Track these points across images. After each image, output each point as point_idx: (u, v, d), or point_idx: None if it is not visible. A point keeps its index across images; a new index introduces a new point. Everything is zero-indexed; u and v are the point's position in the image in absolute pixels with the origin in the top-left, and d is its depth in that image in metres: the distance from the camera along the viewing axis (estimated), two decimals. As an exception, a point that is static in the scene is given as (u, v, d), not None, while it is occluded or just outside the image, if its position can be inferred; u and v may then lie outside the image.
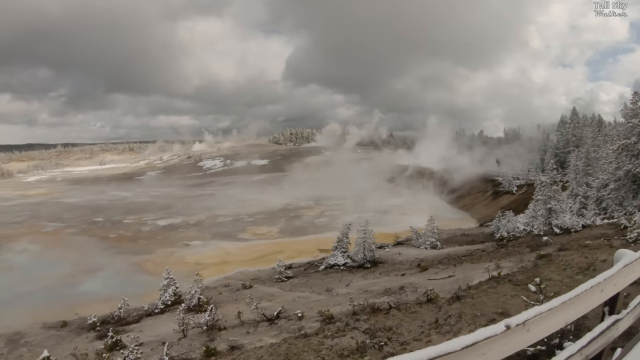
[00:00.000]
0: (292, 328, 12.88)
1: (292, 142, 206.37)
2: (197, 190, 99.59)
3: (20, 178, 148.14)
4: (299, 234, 53.66)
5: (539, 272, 13.65)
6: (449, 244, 38.28)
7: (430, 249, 36.09)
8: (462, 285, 14.44)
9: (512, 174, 67.97)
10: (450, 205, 72.94)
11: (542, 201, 31.26)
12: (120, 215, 66.45)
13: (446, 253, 32.02)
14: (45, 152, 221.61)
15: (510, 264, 18.93)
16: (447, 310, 10.54)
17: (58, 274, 38.16)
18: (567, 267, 13.66)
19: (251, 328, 14.00)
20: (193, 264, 40.58)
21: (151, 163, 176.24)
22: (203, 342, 13.01)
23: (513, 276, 14.00)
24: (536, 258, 17.42)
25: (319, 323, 12.67)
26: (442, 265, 25.89)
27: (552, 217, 30.24)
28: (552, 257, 16.11)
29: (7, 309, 30.38)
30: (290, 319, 14.20)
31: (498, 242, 31.77)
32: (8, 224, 59.59)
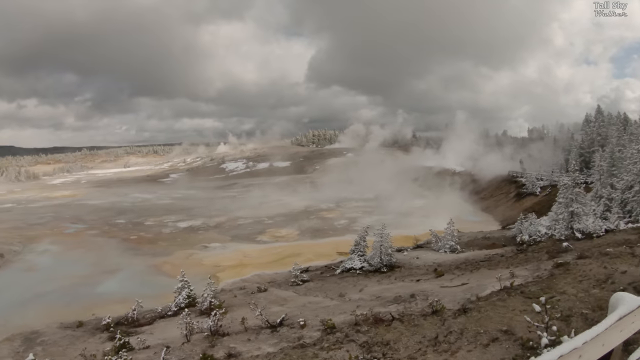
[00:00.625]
0: (292, 337, 12.63)
1: (315, 143, 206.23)
2: (219, 192, 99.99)
3: (46, 180, 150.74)
4: (319, 236, 53.26)
5: (553, 283, 13.27)
6: (470, 248, 37.47)
7: (449, 253, 35.31)
8: (471, 296, 14.03)
9: (535, 174, 66.41)
10: (472, 207, 71.63)
11: (564, 204, 30.25)
12: (142, 217, 67.05)
13: (464, 258, 31.40)
14: (71, 155, 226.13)
15: (525, 273, 18.45)
16: (450, 324, 10.15)
17: (77, 274, 38.62)
18: (584, 279, 13.13)
19: (253, 335, 13.77)
20: (210, 266, 40.53)
21: (175, 165, 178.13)
22: (204, 347, 12.79)
23: (526, 287, 13.58)
24: (553, 267, 16.88)
25: (320, 332, 12.48)
26: (458, 271, 25.42)
27: (574, 220, 29.18)
28: (570, 267, 15.60)
29: (27, 308, 30.96)
30: (293, 327, 13.98)
31: (518, 247, 30.92)
32: (32, 225, 60.66)
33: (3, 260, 42.87)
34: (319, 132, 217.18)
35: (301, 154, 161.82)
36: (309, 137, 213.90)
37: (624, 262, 14.48)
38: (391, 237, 49.20)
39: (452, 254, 34.54)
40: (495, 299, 12.20)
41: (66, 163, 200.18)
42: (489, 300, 12.27)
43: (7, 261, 43.06)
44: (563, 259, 18.48)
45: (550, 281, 13.68)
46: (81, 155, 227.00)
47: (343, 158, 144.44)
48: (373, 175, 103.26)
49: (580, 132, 72.06)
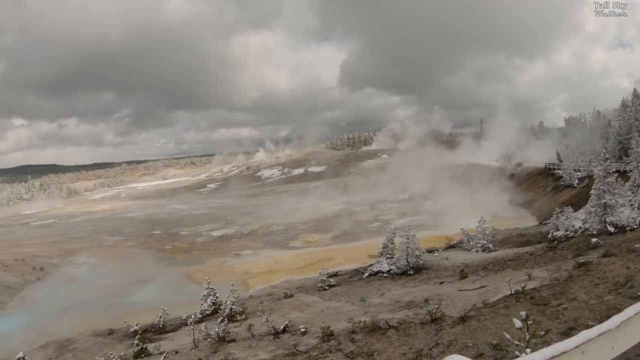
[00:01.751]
0: (290, 344, 12.70)
1: (350, 146, 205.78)
2: (254, 200, 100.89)
3: (87, 196, 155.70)
4: (350, 240, 53.04)
5: (568, 287, 12.67)
6: (504, 245, 36.50)
7: (480, 252, 34.30)
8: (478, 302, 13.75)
9: (572, 165, 63.82)
10: (509, 202, 69.72)
11: (596, 196, 28.73)
12: (177, 227, 68.41)
13: (493, 257, 30.40)
14: (111, 170, 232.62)
15: (544, 274, 17.64)
16: (442, 335, 9.95)
17: (112, 285, 39.88)
18: (601, 282, 12.42)
19: (255, 341, 13.88)
20: (241, 273, 41.08)
21: (212, 175, 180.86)
22: (207, 353, 12.95)
23: (538, 292, 13.02)
24: (574, 267, 16.08)
25: (318, 340, 12.50)
26: (484, 272, 24.76)
27: (608, 213, 27.66)
28: (592, 266, 14.84)
29: (63, 317, 32.46)
30: (295, 333, 14.07)
31: (548, 245, 29.69)
32: (72, 239, 62.75)
33: (43, 273, 44.55)
34: (353, 135, 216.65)
35: (336, 157, 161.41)
36: (344, 141, 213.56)
37: None
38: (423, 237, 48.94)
39: (482, 254, 33.50)
40: (501, 306, 11.88)
41: (106, 178, 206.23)
42: (495, 307, 11.97)
43: (47, 273, 44.73)
44: (586, 258, 17.62)
45: (566, 284, 13.20)
46: (121, 170, 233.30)
47: (378, 160, 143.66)
48: (408, 175, 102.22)
49: (618, 118, 69.15)
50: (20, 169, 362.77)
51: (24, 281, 41.91)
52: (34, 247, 56.36)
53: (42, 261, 47.63)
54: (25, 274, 43.46)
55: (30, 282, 42.06)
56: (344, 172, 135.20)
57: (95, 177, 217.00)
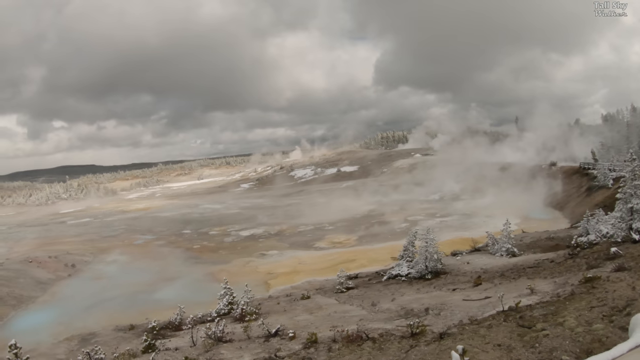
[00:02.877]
0: (273, 348, 13.12)
1: (384, 145, 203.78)
2: (285, 200, 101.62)
3: (123, 195, 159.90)
4: (377, 241, 52.72)
5: (563, 307, 12.28)
6: (531, 250, 35.25)
7: (505, 257, 33.07)
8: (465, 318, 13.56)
9: (607, 165, 60.66)
10: (542, 203, 67.78)
11: (623, 200, 26.88)
12: (208, 227, 69.64)
13: (513, 263, 29.42)
14: (148, 171, 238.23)
15: (550, 287, 17.12)
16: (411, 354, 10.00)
17: (139, 282, 41.14)
18: (599, 304, 11.93)
19: (247, 343, 14.25)
20: (264, 273, 41.58)
21: (246, 175, 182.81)
22: (200, 352, 13.23)
23: (530, 311, 12.66)
24: (580, 282, 15.52)
25: (300, 346, 12.82)
26: (499, 280, 24.16)
27: (635, 219, 25.83)
28: (598, 283, 14.33)
29: (90, 312, 33.82)
30: (284, 337, 14.50)
31: (570, 252, 28.17)
32: (105, 238, 64.69)
33: (74, 270, 46.16)
34: (387, 134, 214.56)
35: (369, 157, 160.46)
36: (377, 140, 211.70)
37: None
38: (450, 240, 48.59)
39: (505, 258, 32.31)
40: (485, 325, 11.65)
41: (143, 178, 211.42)
42: (480, 324, 11.79)
43: (78, 270, 46.31)
44: (598, 271, 16.96)
45: (562, 304, 12.76)
46: (157, 170, 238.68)
47: (410, 159, 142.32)
48: (440, 174, 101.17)
49: None
50: (60, 169, 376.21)
51: (56, 277, 43.53)
52: (68, 245, 58.39)
53: (75, 258, 49.33)
54: (58, 271, 45.09)
55: (61, 278, 43.66)
56: (377, 172, 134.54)
57: (132, 177, 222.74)
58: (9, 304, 35.68)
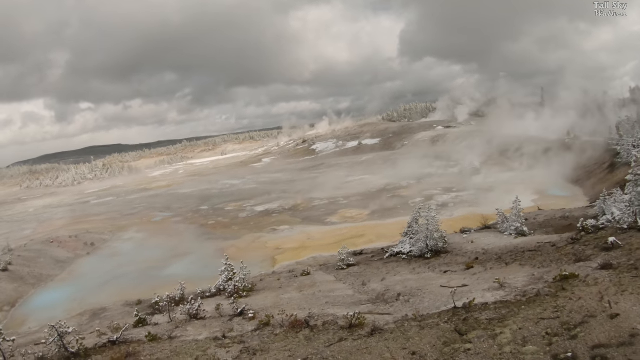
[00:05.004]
0: (227, 328, 13.75)
1: (407, 118, 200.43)
2: (304, 174, 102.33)
3: (147, 173, 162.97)
4: (388, 216, 52.91)
5: (515, 312, 12.03)
6: (543, 229, 34.37)
7: (513, 236, 32.13)
8: (411, 313, 13.60)
9: (632, 141, 59.11)
10: (562, 179, 66.35)
11: (633, 182, 25.01)
12: (224, 202, 71.15)
13: (515, 245, 28.57)
14: (172, 148, 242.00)
15: (523, 282, 16.54)
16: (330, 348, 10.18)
17: (152, 258, 42.94)
18: (553, 315, 11.30)
19: (213, 321, 15.04)
20: (272, 248, 42.60)
21: (268, 150, 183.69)
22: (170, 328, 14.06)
23: (481, 312, 12.52)
24: (554, 280, 14.97)
25: (253, 327, 13.62)
26: (493, 263, 23.87)
27: None
28: (571, 284, 13.83)
29: (103, 288, 35.67)
30: (246, 317, 15.16)
31: (573, 236, 26.67)
32: (125, 216, 66.80)
33: (93, 248, 48.30)
34: (410, 106, 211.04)
35: (391, 129, 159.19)
36: (400, 112, 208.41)
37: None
38: (463, 215, 48.72)
39: (510, 239, 31.45)
40: (425, 323, 11.78)
41: (167, 155, 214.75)
42: (420, 322, 11.92)
43: (97, 248, 48.47)
44: (581, 267, 16.39)
45: (517, 308, 12.40)
46: (181, 147, 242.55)
47: (432, 132, 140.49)
48: (461, 147, 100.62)
49: None
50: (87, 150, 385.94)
51: (75, 256, 45.52)
52: (89, 224, 60.58)
53: (94, 237, 51.29)
54: (77, 249, 47.03)
55: (80, 256, 45.71)
56: (397, 145, 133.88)
57: (157, 154, 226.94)
58: (29, 283, 37.75)
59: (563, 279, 14.71)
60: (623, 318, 10.41)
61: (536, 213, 40.85)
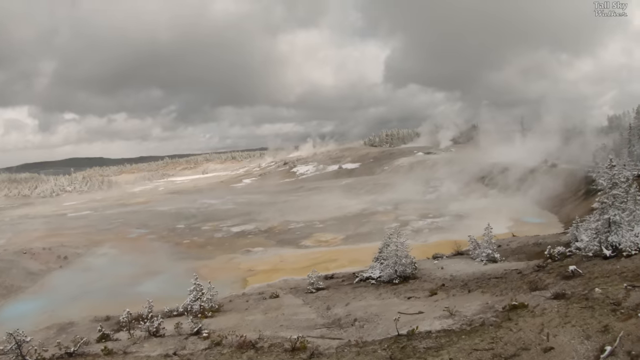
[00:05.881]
0: (180, 346, 14.47)
1: (388, 143, 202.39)
2: (282, 197, 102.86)
3: (127, 188, 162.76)
4: (362, 241, 53.49)
5: (453, 343, 12.13)
6: (515, 255, 35.06)
7: (484, 262, 32.40)
8: (354, 339, 14.01)
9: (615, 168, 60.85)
10: (538, 206, 68.19)
11: (600, 210, 24.70)
12: (201, 222, 71.56)
13: (482, 272, 28.73)
14: (154, 164, 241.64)
15: (474, 310, 16.61)
16: None
17: (124, 275, 43.17)
18: (487, 347, 11.32)
19: (170, 340, 15.49)
20: (245, 270, 43.09)
21: (250, 171, 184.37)
22: (128, 344, 14.63)
23: (420, 340, 12.76)
24: (503, 309, 15.09)
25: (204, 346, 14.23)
26: (457, 290, 24.00)
27: (613, 231, 23.66)
28: (519, 314, 13.90)
29: (74, 303, 35.77)
30: (201, 337, 15.89)
31: (538, 264, 26.91)
32: (100, 230, 66.79)
33: (66, 262, 48.38)
34: (392, 132, 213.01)
35: (372, 154, 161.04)
36: (382, 137, 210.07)
37: (586, 325, 11.74)
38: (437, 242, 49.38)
39: (479, 265, 31.77)
40: (364, 351, 12.13)
41: (148, 171, 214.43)
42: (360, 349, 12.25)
43: (70, 262, 48.61)
44: (535, 296, 16.44)
45: (457, 337, 12.47)
46: (163, 164, 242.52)
47: (412, 157, 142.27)
48: (440, 174, 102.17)
49: None
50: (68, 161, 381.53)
51: (47, 269, 45.60)
52: (64, 237, 60.57)
53: (68, 251, 51.40)
54: (50, 262, 47.09)
55: (52, 269, 45.79)
56: (377, 170, 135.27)
57: (138, 170, 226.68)
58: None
59: (512, 308, 14.76)
60: (557, 352, 10.50)
61: (510, 239, 41.75)
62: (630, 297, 13.16)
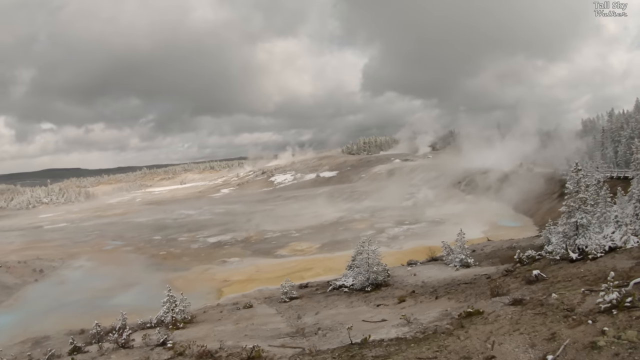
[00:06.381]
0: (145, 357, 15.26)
1: (366, 151, 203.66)
2: (260, 206, 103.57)
3: (104, 200, 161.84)
4: (338, 249, 53.89)
5: (401, 351, 12.21)
6: (489, 259, 35.23)
7: (457, 268, 32.78)
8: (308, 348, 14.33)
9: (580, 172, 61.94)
10: (514, 210, 69.44)
11: (567, 213, 24.66)
12: (178, 233, 71.89)
13: (453, 277, 28.92)
14: (131, 175, 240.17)
15: (431, 318, 16.69)
16: None
17: (100, 287, 43.41)
18: (431, 355, 11.36)
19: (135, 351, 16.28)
20: (220, 281, 43.52)
21: (228, 180, 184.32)
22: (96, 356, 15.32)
23: (370, 349, 12.90)
24: (459, 316, 15.04)
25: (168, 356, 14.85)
26: (425, 297, 24.18)
27: (580, 234, 23.78)
28: (472, 321, 13.85)
29: (49, 316, 36.00)
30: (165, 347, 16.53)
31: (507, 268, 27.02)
32: (77, 243, 66.78)
33: (42, 275, 48.42)
34: (369, 139, 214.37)
35: (349, 162, 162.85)
36: (360, 145, 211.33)
37: (534, 332, 11.54)
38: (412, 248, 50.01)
39: (452, 270, 32.21)
40: (315, 359, 12.63)
41: (126, 182, 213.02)
42: (314, 358, 12.69)
43: (45, 275, 48.57)
44: (494, 302, 16.34)
45: (406, 346, 12.56)
46: (141, 175, 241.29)
47: (389, 165, 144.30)
48: (416, 180, 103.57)
49: (631, 120, 66.58)
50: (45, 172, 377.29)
51: (22, 282, 45.60)
52: (39, 250, 60.39)
53: (43, 264, 51.39)
54: (25, 276, 47.07)
55: (28, 283, 45.79)
56: (354, 178, 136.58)
57: (116, 181, 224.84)
58: (-27, 308, 37.58)
59: (467, 315, 14.67)
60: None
61: (484, 244, 42.18)
62: (585, 302, 13.02)
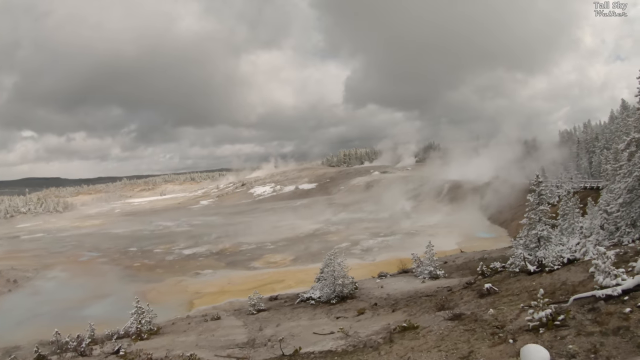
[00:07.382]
0: None
1: (346, 163, 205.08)
2: (238, 218, 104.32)
3: (83, 210, 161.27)
4: (311, 261, 54.55)
5: None
6: (460, 271, 35.76)
7: (424, 280, 33.43)
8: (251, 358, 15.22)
9: (555, 182, 63.88)
10: (489, 221, 70.79)
11: (528, 226, 24.78)
12: (154, 244, 72.52)
13: (416, 290, 29.16)
14: (111, 185, 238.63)
15: (370, 331, 17.22)
16: None
17: (73, 298, 44.02)
18: None
19: (93, 359, 17.05)
20: (192, 293, 44.22)
21: (208, 192, 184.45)
22: None
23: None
24: (394, 331, 15.19)
25: None
26: (383, 310, 24.48)
27: (542, 246, 23.92)
28: (405, 337, 14.05)
29: (21, 326, 36.61)
30: (118, 356, 17.52)
31: (468, 281, 27.14)
32: (52, 253, 67.11)
33: (15, 285, 48.88)
34: (349, 151, 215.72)
35: (328, 174, 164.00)
36: (340, 157, 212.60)
37: (454, 349, 11.47)
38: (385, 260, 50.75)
39: (418, 283, 32.82)
40: None
41: (106, 193, 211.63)
42: None
43: (19, 286, 49.04)
44: (437, 316, 16.52)
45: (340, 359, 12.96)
46: (121, 185, 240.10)
47: (368, 177, 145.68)
48: (394, 192, 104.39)
49: (606, 131, 68.19)
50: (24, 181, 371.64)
51: (-5, 293, 45.54)
52: (15, 261, 60.69)
53: (17, 274, 51.74)
54: (-2, 286, 47.06)
55: (1, 293, 46.45)
56: (333, 190, 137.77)
57: (96, 191, 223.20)
58: (-55, 319, 37.92)
59: (402, 330, 14.81)
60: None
61: (457, 255, 43.04)
62: (519, 318, 12.64)
